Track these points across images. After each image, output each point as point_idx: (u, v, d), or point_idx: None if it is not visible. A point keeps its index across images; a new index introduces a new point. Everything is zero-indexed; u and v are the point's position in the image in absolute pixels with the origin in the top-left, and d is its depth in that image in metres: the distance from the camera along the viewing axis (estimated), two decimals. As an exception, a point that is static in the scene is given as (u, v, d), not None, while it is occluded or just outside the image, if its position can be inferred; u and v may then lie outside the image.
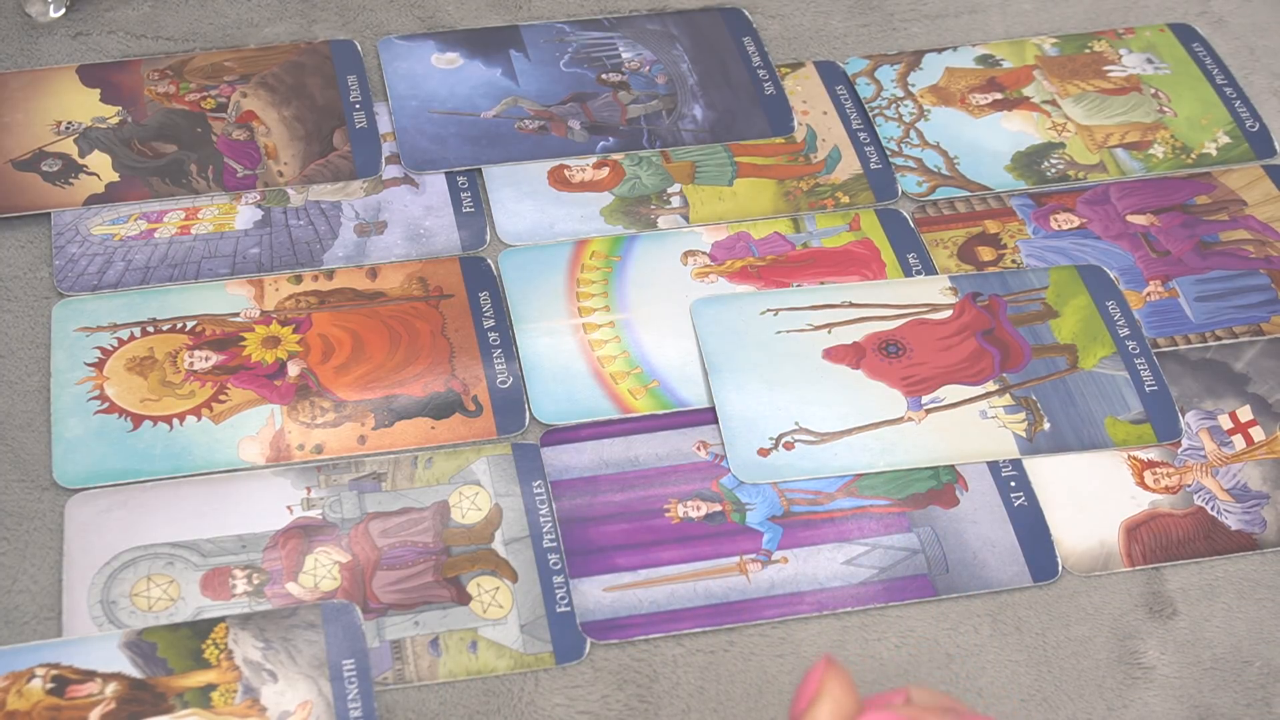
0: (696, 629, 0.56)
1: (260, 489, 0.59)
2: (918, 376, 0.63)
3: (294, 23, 0.76)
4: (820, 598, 0.57)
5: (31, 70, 0.73)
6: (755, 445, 0.61)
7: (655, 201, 0.69)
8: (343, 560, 0.57)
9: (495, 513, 0.58)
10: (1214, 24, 0.79)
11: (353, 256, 0.66)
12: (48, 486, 0.58)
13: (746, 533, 0.59)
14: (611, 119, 0.72)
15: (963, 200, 0.70)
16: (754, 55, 0.76)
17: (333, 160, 0.70)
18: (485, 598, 0.56)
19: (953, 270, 0.68)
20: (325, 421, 0.61)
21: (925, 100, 0.74)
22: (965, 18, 0.79)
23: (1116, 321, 0.65)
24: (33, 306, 0.64)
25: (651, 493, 0.60)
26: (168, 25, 0.75)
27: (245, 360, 0.62)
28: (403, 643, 0.55)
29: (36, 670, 0.53)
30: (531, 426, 0.61)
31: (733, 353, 0.63)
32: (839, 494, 0.60)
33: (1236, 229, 0.70)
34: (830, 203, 0.70)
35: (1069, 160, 0.72)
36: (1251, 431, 0.63)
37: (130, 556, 0.56)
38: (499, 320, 0.64)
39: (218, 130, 0.70)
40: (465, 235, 0.67)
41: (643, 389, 0.63)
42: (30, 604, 0.55)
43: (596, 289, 0.66)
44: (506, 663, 0.55)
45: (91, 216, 0.67)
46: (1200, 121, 0.74)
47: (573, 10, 0.77)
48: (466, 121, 0.72)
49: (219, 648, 0.54)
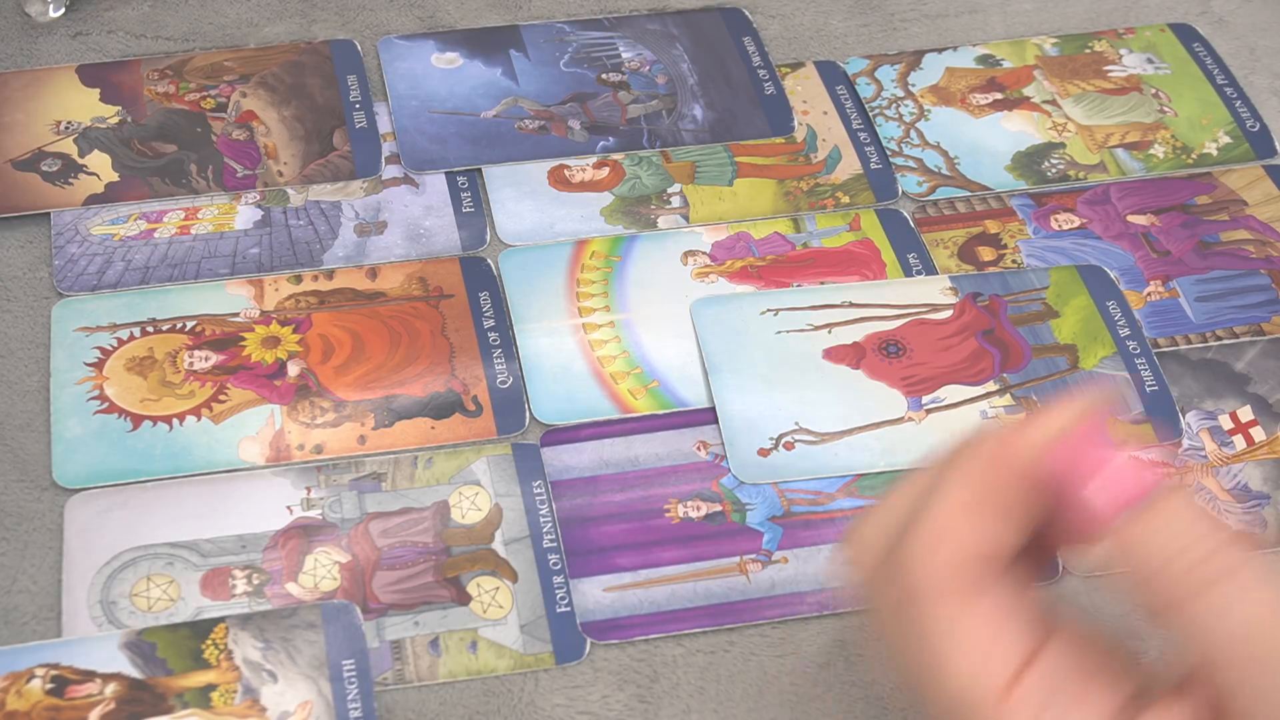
0: (696, 629, 0.56)
1: (260, 489, 0.58)
2: (918, 377, 0.63)
3: (294, 23, 0.76)
4: (820, 598, 0.57)
5: (31, 70, 0.73)
6: (755, 445, 0.61)
7: (655, 201, 0.69)
8: (343, 560, 0.57)
9: (495, 513, 0.58)
10: (1214, 24, 0.79)
11: (353, 256, 0.66)
12: (47, 486, 0.58)
13: (747, 533, 0.59)
14: (611, 119, 0.72)
15: (963, 200, 0.70)
16: (754, 55, 0.76)
17: (333, 160, 0.70)
18: (485, 598, 0.56)
19: (953, 270, 0.67)
20: (325, 421, 0.61)
21: (925, 100, 0.74)
22: (965, 18, 0.79)
23: (1117, 321, 0.65)
24: (32, 306, 0.64)
25: (651, 493, 0.60)
26: (168, 25, 0.75)
27: (245, 360, 0.62)
28: (403, 643, 0.55)
29: (36, 670, 0.53)
30: (531, 426, 0.61)
31: (733, 353, 0.63)
32: (839, 494, 0.60)
33: (1237, 229, 0.70)
34: (830, 203, 0.70)
35: (1069, 160, 0.72)
36: (1252, 432, 0.63)
37: (130, 557, 0.56)
38: (499, 320, 0.64)
39: (217, 130, 0.70)
40: (465, 235, 0.67)
41: (643, 389, 0.63)
42: (30, 604, 0.55)
43: (596, 289, 0.66)
44: (506, 663, 0.55)
45: (91, 216, 0.67)
46: (1201, 121, 0.74)
47: (573, 10, 0.77)
48: (466, 121, 0.72)
49: (219, 648, 0.54)
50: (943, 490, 0.37)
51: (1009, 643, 0.36)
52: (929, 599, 0.37)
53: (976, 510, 0.37)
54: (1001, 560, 0.37)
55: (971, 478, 0.37)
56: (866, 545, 0.40)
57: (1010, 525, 0.37)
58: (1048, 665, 0.36)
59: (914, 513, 0.38)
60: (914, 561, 0.37)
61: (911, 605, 0.37)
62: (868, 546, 0.40)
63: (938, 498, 0.37)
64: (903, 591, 0.37)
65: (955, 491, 0.37)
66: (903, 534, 0.38)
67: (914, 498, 0.39)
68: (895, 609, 0.38)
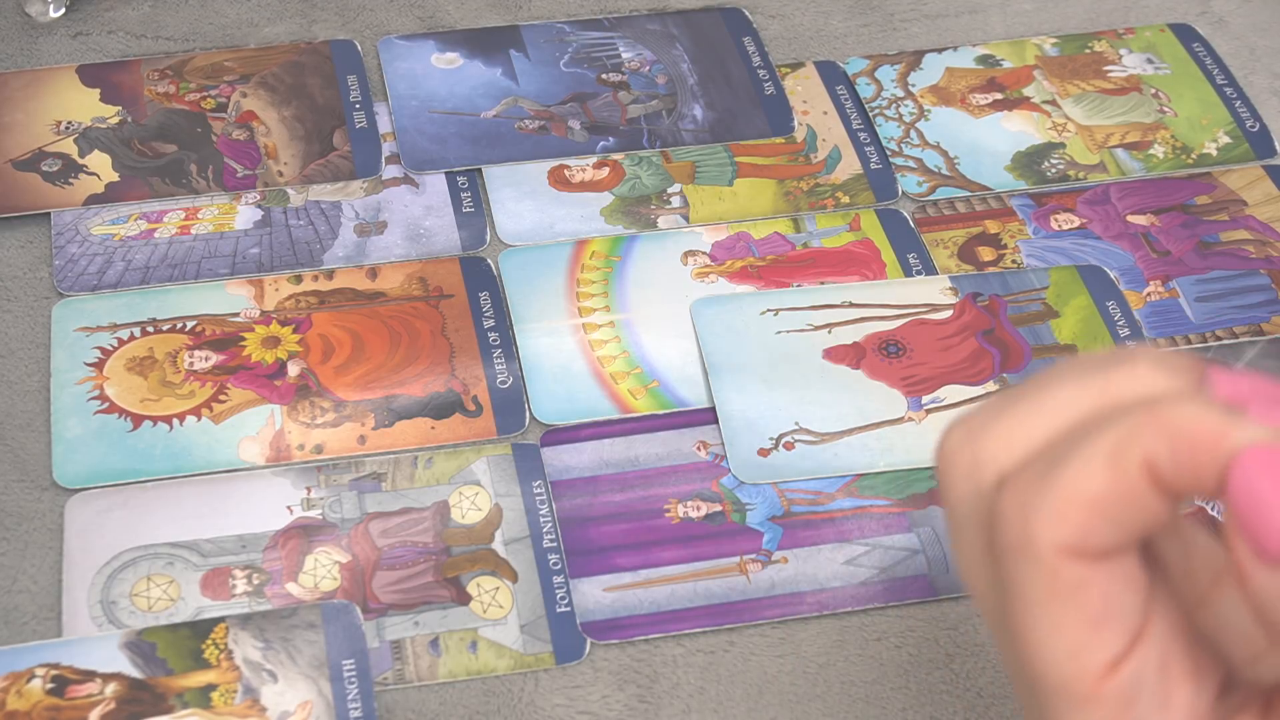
0: (696, 629, 0.56)
1: (260, 489, 0.59)
2: (918, 376, 0.63)
3: (294, 23, 0.76)
4: (820, 598, 0.57)
5: (31, 70, 0.73)
6: (755, 445, 0.61)
7: (655, 201, 0.69)
8: (343, 560, 0.57)
9: (495, 513, 0.58)
10: (1214, 24, 0.79)
11: (353, 256, 0.66)
12: (48, 486, 0.58)
13: (746, 533, 0.59)
14: (611, 119, 0.72)
15: (963, 200, 0.70)
16: (754, 55, 0.76)
17: (333, 160, 0.70)
18: (485, 598, 0.56)
19: (953, 270, 0.67)
20: (325, 421, 0.61)
21: (925, 100, 0.74)
22: (965, 18, 0.79)
23: (1117, 321, 0.65)
24: (33, 306, 0.64)
25: (651, 493, 0.60)
26: (168, 25, 0.75)
27: (245, 360, 0.62)
28: (403, 643, 0.55)
29: (36, 670, 0.53)
30: (531, 426, 0.61)
31: (733, 353, 0.63)
32: (839, 494, 0.60)
33: (1237, 229, 0.70)
34: (830, 203, 0.70)
35: (1069, 160, 0.72)
36: (1252, 431, 0.62)
37: (130, 556, 0.56)
38: (499, 320, 0.64)
39: (218, 130, 0.70)
40: (465, 235, 0.67)
41: (643, 389, 0.63)
42: (30, 604, 0.55)
43: (596, 289, 0.66)
44: (506, 663, 0.55)
45: (91, 216, 0.67)
46: (1200, 122, 0.74)
47: (573, 10, 0.77)
48: (467, 121, 0.72)
49: (219, 648, 0.54)
50: (1099, 448, 0.32)
51: (1113, 630, 0.32)
52: (1045, 564, 0.32)
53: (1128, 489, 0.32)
54: (1134, 541, 0.33)
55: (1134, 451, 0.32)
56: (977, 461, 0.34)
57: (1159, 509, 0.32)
58: (1144, 658, 0.33)
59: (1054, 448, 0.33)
60: (1040, 517, 0.32)
61: (1021, 559, 0.32)
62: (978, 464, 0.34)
63: (1090, 455, 0.32)
64: (1014, 539, 0.32)
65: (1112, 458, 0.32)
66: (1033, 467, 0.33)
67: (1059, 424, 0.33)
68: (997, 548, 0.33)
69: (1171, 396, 0.32)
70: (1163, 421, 0.31)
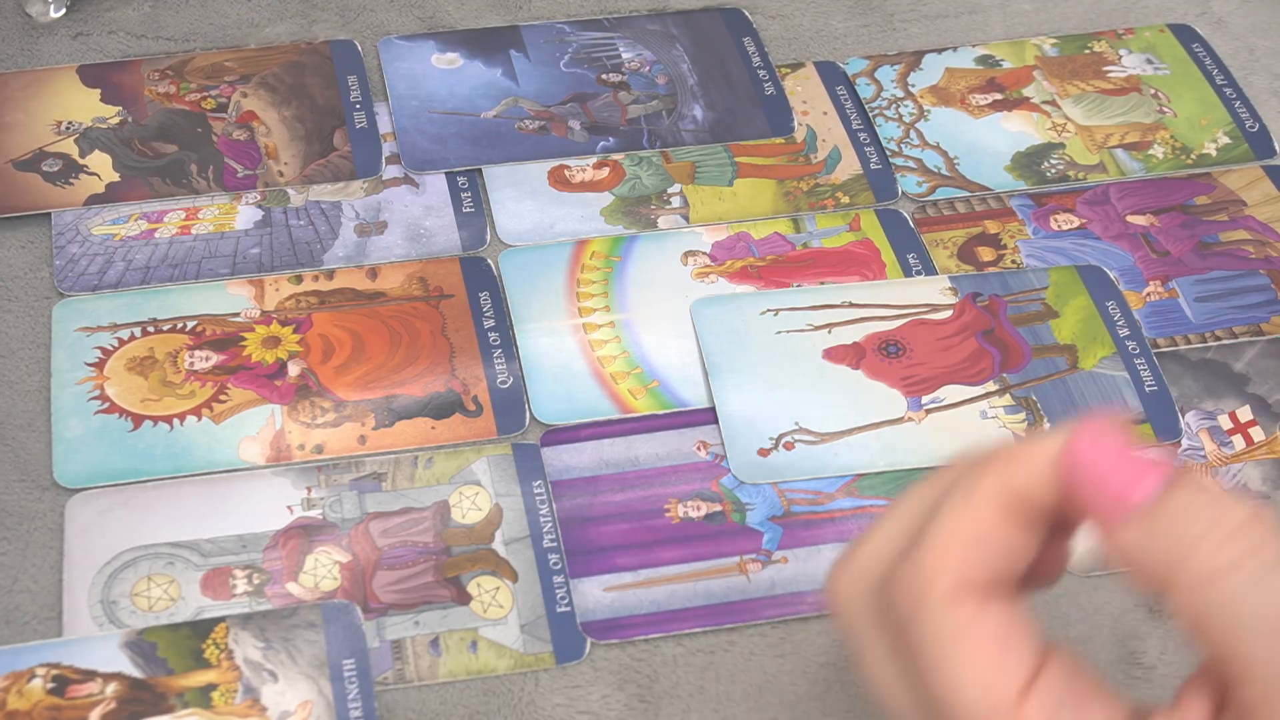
0: (696, 629, 0.56)
1: (260, 489, 0.59)
2: (918, 377, 0.63)
3: (294, 23, 0.76)
4: (820, 598, 0.57)
5: (32, 70, 0.73)
6: (755, 445, 0.61)
7: (655, 202, 0.69)
8: (343, 560, 0.57)
9: (495, 513, 0.58)
10: (1214, 24, 0.79)
11: (353, 256, 0.66)
12: (48, 486, 0.59)
13: (746, 533, 0.59)
14: (611, 119, 0.72)
15: (963, 200, 0.70)
16: (754, 55, 0.76)
17: (333, 160, 0.70)
18: (485, 598, 0.56)
19: (953, 270, 0.68)
20: (325, 421, 0.61)
21: (925, 100, 0.74)
22: (965, 18, 0.79)
23: (1116, 322, 0.65)
24: (33, 306, 0.64)
25: (651, 493, 0.60)
26: (168, 25, 0.75)
27: (245, 360, 0.62)
28: (403, 643, 0.55)
29: (37, 670, 0.53)
30: (531, 426, 0.61)
31: (733, 353, 0.63)
32: (839, 494, 0.60)
33: (1236, 229, 0.70)
34: (830, 203, 0.70)
35: (1069, 160, 0.72)
36: (1251, 432, 0.63)
37: (130, 556, 0.56)
38: (499, 320, 0.64)
39: (218, 130, 0.70)
40: (465, 235, 0.67)
41: (643, 389, 0.63)
42: (30, 604, 0.55)
43: (597, 289, 0.66)
44: (506, 663, 0.55)
45: (92, 216, 0.67)
46: (1200, 122, 0.74)
47: (573, 10, 0.77)
48: (467, 121, 0.72)
49: (219, 648, 0.54)
50: (953, 502, 0.36)
51: (1020, 653, 0.35)
52: (940, 608, 0.35)
53: (989, 521, 0.36)
54: (1013, 571, 0.37)
55: (982, 490, 0.36)
56: (859, 573, 0.38)
57: (1024, 536, 0.36)
58: (1054, 678, 0.35)
59: (916, 531, 0.37)
60: (923, 572, 0.36)
61: (919, 617, 0.36)
62: (861, 574, 0.38)
63: (948, 510, 0.36)
64: (908, 606, 0.36)
65: (966, 503, 0.36)
66: (906, 552, 0.37)
67: (913, 519, 0.38)
68: (897, 630, 0.37)
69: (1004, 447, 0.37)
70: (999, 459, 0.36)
